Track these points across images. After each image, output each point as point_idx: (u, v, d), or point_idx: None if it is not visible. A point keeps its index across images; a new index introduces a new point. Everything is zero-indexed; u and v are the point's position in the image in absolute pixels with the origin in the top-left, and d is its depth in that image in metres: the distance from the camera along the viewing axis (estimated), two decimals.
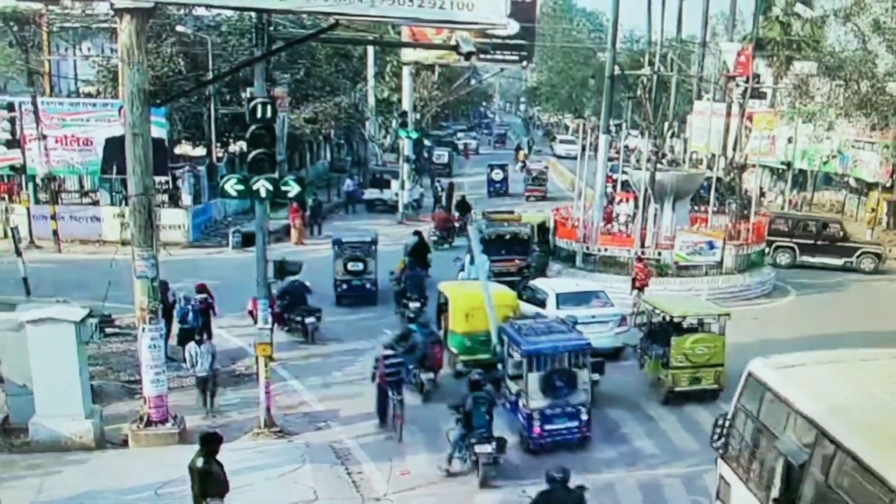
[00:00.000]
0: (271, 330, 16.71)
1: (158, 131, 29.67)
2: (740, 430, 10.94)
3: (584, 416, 16.28)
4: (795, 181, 46.23)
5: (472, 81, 70.18)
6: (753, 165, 38.39)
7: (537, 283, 23.78)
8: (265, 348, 16.46)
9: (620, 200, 31.86)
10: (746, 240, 30.14)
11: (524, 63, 42.98)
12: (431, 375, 18.72)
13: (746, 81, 41.82)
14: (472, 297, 19.97)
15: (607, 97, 32.55)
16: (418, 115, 50.43)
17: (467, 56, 15.81)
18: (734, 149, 41.73)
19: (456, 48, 15.78)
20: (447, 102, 65.75)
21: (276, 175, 15.69)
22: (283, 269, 18.65)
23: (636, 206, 30.25)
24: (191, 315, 20.46)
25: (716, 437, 11.48)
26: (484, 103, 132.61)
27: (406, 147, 43.87)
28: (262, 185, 15.43)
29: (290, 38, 18.56)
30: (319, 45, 44.48)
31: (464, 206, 38.66)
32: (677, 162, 39.09)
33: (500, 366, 17.83)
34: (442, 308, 21.50)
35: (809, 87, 35.82)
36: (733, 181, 37.85)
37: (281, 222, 36.47)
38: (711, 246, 28.20)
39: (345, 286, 25.70)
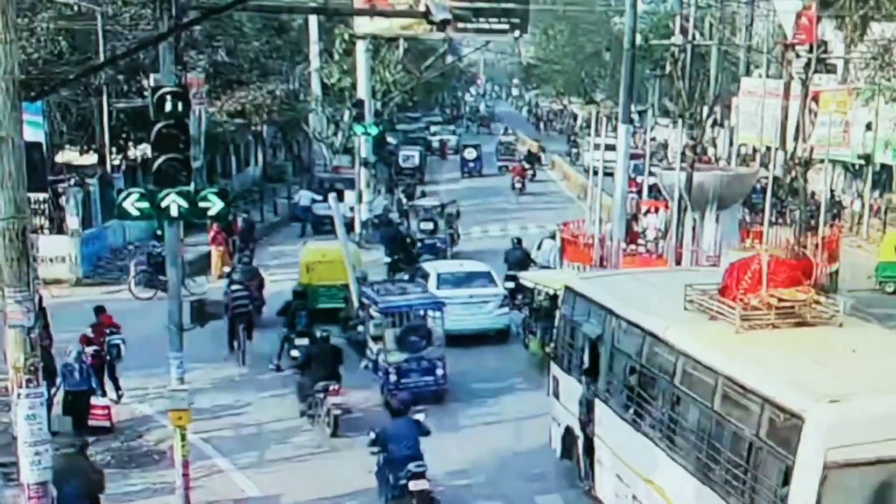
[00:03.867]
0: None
1: (34, 133, 29.71)
2: (563, 336, 18.27)
3: (440, 371, 22.26)
4: (877, 180, 46.62)
5: (449, 59, 70.60)
6: (822, 161, 38.82)
7: (425, 264, 29.96)
8: (181, 416, 16.50)
9: (648, 210, 32.19)
10: (815, 258, 30.46)
11: (517, 34, 43.22)
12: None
13: (810, 51, 42.33)
14: (313, 254, 29.82)
15: (627, 76, 32.91)
16: (379, 105, 50.69)
17: (441, 25, 16.01)
18: (796, 139, 42.16)
19: (426, 15, 15.97)
20: (416, 87, 66.07)
21: (192, 187, 15.79)
22: (202, 311, 18.73)
23: (669, 218, 30.53)
24: (77, 374, 20.50)
25: (549, 347, 19.88)
26: (470, 89, 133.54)
27: (363, 147, 44.09)
28: (173, 202, 15.51)
29: (208, 8, 18.70)
30: (247, 16, 44.73)
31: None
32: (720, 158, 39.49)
33: (360, 328, 24.18)
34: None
35: (894, 56, 36.15)
36: (795, 182, 38.22)
37: (200, 249, 36.51)
38: None
39: (420, 244, 36.42)
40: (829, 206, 38.32)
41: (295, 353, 22.80)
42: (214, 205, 15.90)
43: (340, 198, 44.42)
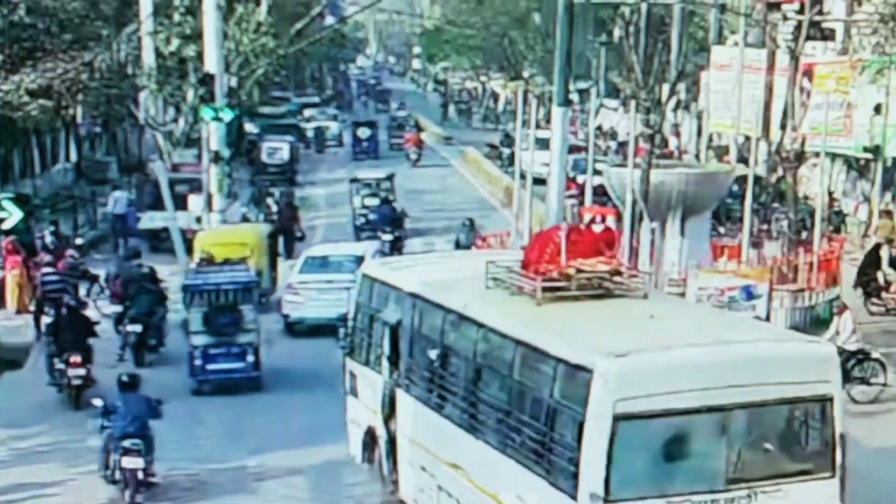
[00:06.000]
0: None
1: None
2: (359, 326, 21.35)
3: (252, 357, 26.84)
4: (889, 179, 47.24)
5: (329, 20, 70.67)
6: (816, 154, 39.45)
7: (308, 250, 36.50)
8: None
9: (592, 219, 32.43)
10: (808, 281, 30.86)
11: None
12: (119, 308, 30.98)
13: (800, 11, 43.06)
14: (209, 237, 34.76)
15: (563, 44, 33.09)
16: (234, 82, 50.50)
17: None
18: (783, 127, 42.86)
19: None
20: (286, 58, 66.02)
21: None
22: None
23: (620, 229, 30.75)
24: None
25: (343, 342, 22.43)
26: (356, 60, 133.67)
27: (213, 137, 43.79)
28: None
29: None
30: None
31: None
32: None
33: (188, 311, 28.03)
34: None
35: None
36: (783, 181, 38.78)
37: None
38: (749, 294, 28.82)
39: (363, 218, 46.76)
40: (827, 213, 38.80)
41: (46, 319, 28.02)
42: (10, 215, 15.85)
43: (184, 205, 44.41)
